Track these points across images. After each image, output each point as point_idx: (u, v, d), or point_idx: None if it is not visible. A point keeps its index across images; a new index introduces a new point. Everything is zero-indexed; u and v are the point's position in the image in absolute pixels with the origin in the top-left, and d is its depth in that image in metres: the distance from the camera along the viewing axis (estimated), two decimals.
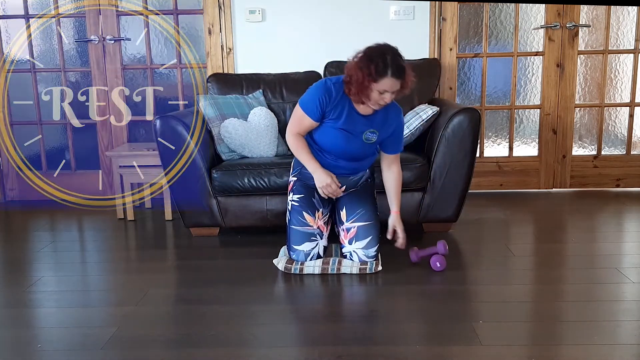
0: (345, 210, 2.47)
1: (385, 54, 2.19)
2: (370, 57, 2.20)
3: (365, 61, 2.20)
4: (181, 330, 1.98)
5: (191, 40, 3.78)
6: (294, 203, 2.47)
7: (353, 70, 2.24)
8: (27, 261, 2.76)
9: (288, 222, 2.49)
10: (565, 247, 2.75)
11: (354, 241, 2.43)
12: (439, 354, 1.77)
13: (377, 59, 2.18)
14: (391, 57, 2.19)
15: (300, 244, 2.44)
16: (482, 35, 3.69)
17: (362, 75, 2.19)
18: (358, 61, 2.22)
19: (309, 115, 2.34)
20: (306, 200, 2.46)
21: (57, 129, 3.93)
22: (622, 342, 1.82)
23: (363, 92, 2.23)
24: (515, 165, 3.81)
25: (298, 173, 2.53)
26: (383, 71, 2.17)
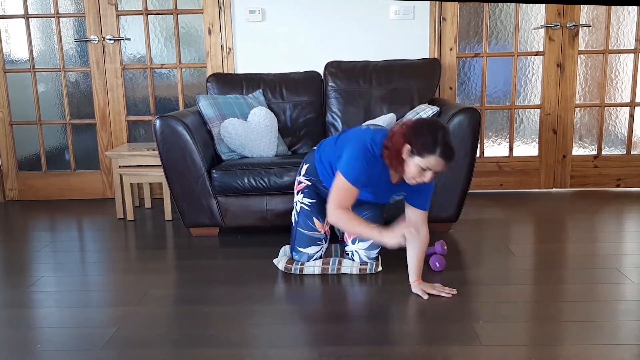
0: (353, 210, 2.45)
1: (437, 130, 1.97)
2: (420, 129, 1.98)
3: (413, 132, 1.98)
4: (181, 330, 1.98)
5: (191, 40, 3.78)
6: (305, 207, 2.43)
7: (397, 137, 2.02)
8: (27, 261, 2.76)
9: (295, 223, 2.46)
10: (565, 247, 2.74)
11: (357, 241, 2.42)
12: (439, 354, 1.77)
13: (427, 133, 1.96)
14: (442, 134, 1.96)
15: (305, 247, 2.44)
16: (482, 35, 3.69)
17: (406, 146, 1.99)
18: (405, 130, 2.00)
19: (357, 186, 2.10)
20: (317, 207, 2.42)
21: (57, 129, 3.93)
22: (622, 342, 1.82)
23: (401, 164, 2.02)
24: (516, 165, 3.81)
25: (312, 179, 2.43)
26: (432, 148, 1.95)
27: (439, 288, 2.21)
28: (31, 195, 3.95)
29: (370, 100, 3.37)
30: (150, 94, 3.82)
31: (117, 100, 3.81)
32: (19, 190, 3.95)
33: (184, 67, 3.79)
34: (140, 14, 3.71)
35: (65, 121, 3.88)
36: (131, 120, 3.85)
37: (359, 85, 3.40)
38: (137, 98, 3.86)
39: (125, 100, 3.82)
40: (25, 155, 3.97)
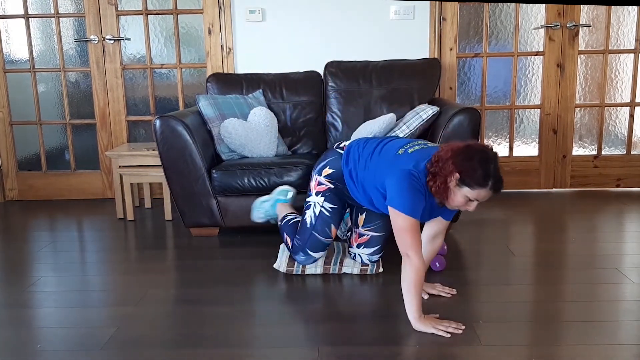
0: (365, 217, 2.41)
1: (488, 161, 1.84)
2: (470, 158, 1.84)
3: (463, 161, 1.84)
4: (181, 330, 1.98)
5: (191, 40, 3.78)
6: (325, 212, 2.32)
7: (444, 164, 1.87)
8: (27, 261, 2.76)
9: (310, 226, 2.35)
10: (565, 247, 2.74)
11: (362, 247, 2.43)
12: (439, 354, 1.77)
13: (478, 164, 1.83)
14: (494, 166, 1.84)
15: (317, 251, 2.38)
16: (482, 35, 3.69)
17: (454, 175, 1.86)
18: (453, 157, 1.86)
19: (418, 217, 1.95)
20: (338, 213, 2.34)
21: (57, 129, 3.93)
22: (622, 342, 1.82)
23: (447, 192, 1.90)
24: (516, 165, 3.81)
25: (337, 185, 2.29)
26: (483, 181, 1.84)
27: (438, 288, 2.21)
28: (31, 195, 3.95)
29: (370, 100, 3.37)
30: (150, 94, 3.82)
31: (117, 100, 3.80)
32: (19, 190, 3.95)
33: (184, 67, 3.79)
34: (140, 14, 3.71)
35: (65, 121, 3.88)
36: (131, 120, 3.85)
37: (359, 85, 3.40)
38: (137, 98, 3.86)
39: (125, 100, 3.82)
40: (25, 155, 3.96)
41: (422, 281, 1.94)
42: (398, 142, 2.15)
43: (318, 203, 2.33)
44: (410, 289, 1.92)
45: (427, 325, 1.90)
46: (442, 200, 1.96)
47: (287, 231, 2.46)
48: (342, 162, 2.26)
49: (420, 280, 1.92)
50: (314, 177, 2.36)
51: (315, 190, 2.34)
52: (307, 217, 2.36)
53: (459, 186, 1.87)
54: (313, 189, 2.36)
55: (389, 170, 2.02)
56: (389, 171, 2.01)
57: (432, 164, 1.92)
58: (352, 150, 2.26)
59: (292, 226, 2.46)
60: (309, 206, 2.36)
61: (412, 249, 1.91)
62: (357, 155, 2.22)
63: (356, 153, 2.23)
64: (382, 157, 2.11)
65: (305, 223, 2.36)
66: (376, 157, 2.14)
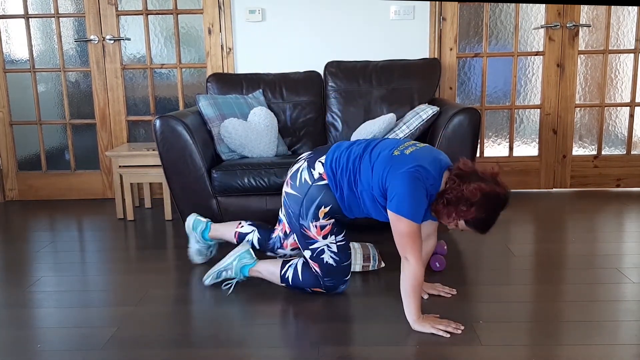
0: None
1: (499, 212, 1.88)
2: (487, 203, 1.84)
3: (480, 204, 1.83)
4: (181, 330, 1.98)
5: (191, 40, 3.78)
6: (341, 243, 2.14)
7: (460, 194, 1.84)
8: (27, 261, 2.76)
9: (335, 264, 2.14)
10: (565, 247, 2.74)
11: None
12: (439, 354, 1.77)
13: (492, 215, 1.86)
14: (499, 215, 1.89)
15: (349, 274, 2.22)
16: (482, 35, 3.69)
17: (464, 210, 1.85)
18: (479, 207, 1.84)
19: (419, 222, 1.90)
20: (347, 235, 2.18)
21: (57, 129, 3.93)
22: (622, 342, 1.82)
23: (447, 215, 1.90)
24: (516, 165, 3.81)
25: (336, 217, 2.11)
26: (485, 227, 1.90)
27: (438, 288, 2.21)
28: (31, 195, 3.95)
29: (370, 100, 3.37)
30: (150, 94, 3.82)
31: (117, 100, 3.80)
32: (19, 190, 3.95)
33: (184, 67, 3.79)
34: (140, 14, 3.71)
35: (65, 121, 3.88)
36: (131, 120, 3.85)
37: (359, 85, 3.40)
38: (137, 98, 3.86)
39: (125, 100, 3.82)
40: (25, 155, 3.96)
41: (421, 284, 1.94)
42: (387, 143, 2.04)
43: (331, 243, 2.12)
44: (409, 293, 1.92)
45: (426, 325, 1.90)
46: (434, 215, 1.94)
47: (305, 285, 2.20)
48: (333, 189, 2.05)
49: (419, 284, 1.92)
50: (311, 225, 2.09)
51: (322, 235, 2.11)
52: (327, 259, 2.13)
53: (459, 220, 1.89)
54: (317, 235, 2.10)
55: (389, 172, 1.91)
56: (389, 173, 1.91)
57: (449, 188, 1.86)
58: (337, 172, 2.04)
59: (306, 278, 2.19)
60: (322, 251, 2.12)
61: (412, 254, 1.89)
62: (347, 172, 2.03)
63: (345, 170, 2.03)
64: (379, 161, 1.97)
65: (329, 266, 2.14)
66: (367, 164, 1.99)
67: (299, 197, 2.09)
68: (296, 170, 2.13)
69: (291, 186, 2.12)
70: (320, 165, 2.08)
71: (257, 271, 2.28)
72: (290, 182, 2.13)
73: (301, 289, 2.22)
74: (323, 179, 2.05)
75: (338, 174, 2.03)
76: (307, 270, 2.18)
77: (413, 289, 1.91)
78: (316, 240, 2.11)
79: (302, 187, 2.08)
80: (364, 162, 2.00)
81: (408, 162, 1.90)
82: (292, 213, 2.13)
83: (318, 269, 2.16)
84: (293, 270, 2.21)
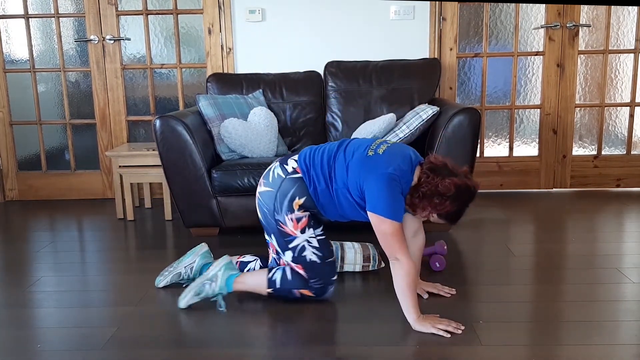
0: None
1: (469, 203, 1.94)
2: (460, 197, 1.89)
3: (454, 197, 1.88)
4: (181, 330, 1.98)
5: (191, 40, 3.78)
6: (320, 236, 2.09)
7: (435, 188, 1.88)
8: (27, 261, 2.76)
9: (319, 260, 2.09)
10: (565, 247, 2.74)
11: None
12: (439, 354, 1.77)
13: (462, 206, 1.92)
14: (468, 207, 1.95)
15: (336, 273, 2.15)
16: (482, 35, 3.69)
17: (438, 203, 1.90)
18: (447, 190, 1.87)
19: (401, 220, 1.92)
20: (325, 229, 2.14)
21: (57, 129, 3.93)
22: (622, 342, 1.82)
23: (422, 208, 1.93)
24: (516, 165, 3.81)
25: (312, 210, 2.08)
26: (456, 218, 1.95)
27: (438, 287, 2.21)
28: (31, 195, 3.95)
29: (370, 100, 3.37)
30: (150, 94, 3.82)
31: (117, 100, 3.80)
32: (19, 190, 3.95)
33: (184, 67, 3.79)
34: (140, 14, 3.71)
35: (65, 121, 3.88)
36: (131, 120, 3.85)
37: (359, 85, 3.40)
38: (137, 98, 3.86)
39: (125, 100, 3.82)
40: (25, 155, 3.97)
41: (415, 281, 1.94)
42: (359, 142, 2.06)
43: (310, 237, 2.07)
44: (405, 292, 1.92)
45: (427, 325, 1.90)
46: (409, 209, 1.97)
47: (293, 287, 2.12)
48: (307, 183, 2.04)
49: (413, 281, 1.92)
50: (287, 218, 2.05)
51: (299, 229, 2.06)
52: (311, 257, 2.08)
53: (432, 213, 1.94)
54: (295, 230, 2.06)
55: (366, 174, 1.92)
56: (366, 175, 1.92)
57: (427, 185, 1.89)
58: (312, 168, 2.04)
59: (295, 278, 2.12)
60: (303, 248, 2.07)
61: (400, 252, 1.90)
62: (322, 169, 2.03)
63: (319, 167, 2.03)
64: (354, 161, 1.97)
65: (313, 263, 2.09)
66: (342, 163, 2.00)
67: (272, 191, 2.06)
68: (268, 170, 2.14)
69: (264, 184, 2.11)
70: (293, 162, 2.09)
71: (241, 282, 2.16)
72: (263, 181, 2.12)
73: (289, 294, 2.12)
74: (297, 172, 2.05)
75: (312, 170, 2.03)
76: (296, 272, 2.12)
77: (408, 287, 1.91)
78: (295, 237, 2.06)
79: (275, 181, 2.07)
80: (339, 160, 2.01)
81: (383, 163, 1.93)
82: (267, 211, 2.09)
83: (303, 270, 2.09)
84: (281, 272, 2.13)
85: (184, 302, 2.13)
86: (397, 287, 1.93)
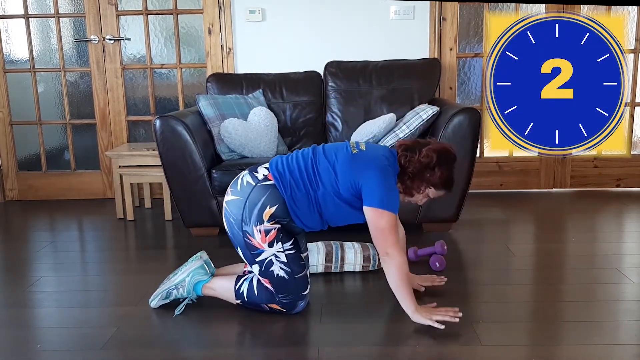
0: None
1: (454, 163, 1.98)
2: (443, 159, 1.94)
3: (439, 163, 1.92)
4: (181, 330, 1.98)
5: (191, 40, 3.78)
6: (290, 251, 1.97)
7: (418, 163, 1.92)
8: (27, 261, 2.76)
9: (288, 276, 1.98)
10: (565, 247, 2.74)
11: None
12: (439, 354, 1.77)
13: (450, 167, 1.96)
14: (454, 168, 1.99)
15: (307, 287, 2.06)
16: (482, 35, 3.69)
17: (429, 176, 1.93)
18: (429, 159, 1.91)
19: (397, 212, 1.91)
20: (297, 243, 2.02)
21: (57, 129, 3.93)
22: (622, 342, 1.82)
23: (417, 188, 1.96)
24: (516, 165, 3.81)
25: (282, 220, 1.96)
26: (451, 183, 1.98)
27: (429, 279, 2.22)
28: (31, 195, 3.95)
29: (370, 100, 3.37)
30: (150, 94, 3.82)
31: (117, 100, 3.80)
32: (19, 190, 3.95)
33: (184, 67, 3.79)
34: (140, 14, 3.71)
35: (65, 121, 3.88)
36: (131, 120, 3.85)
37: (359, 85, 3.40)
38: (137, 98, 3.86)
39: (125, 100, 3.82)
40: (25, 155, 3.96)
41: (408, 274, 1.96)
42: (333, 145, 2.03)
43: (278, 251, 1.95)
44: (400, 285, 1.92)
45: (425, 316, 1.90)
46: (405, 195, 2.00)
47: (261, 300, 2.03)
48: (281, 189, 1.94)
49: (406, 275, 1.93)
50: (255, 230, 1.93)
51: (266, 242, 1.94)
52: (277, 272, 1.97)
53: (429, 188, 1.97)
54: (262, 243, 1.94)
55: (360, 170, 1.90)
56: (360, 170, 1.90)
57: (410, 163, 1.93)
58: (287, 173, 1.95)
59: (261, 293, 2.02)
60: (270, 263, 1.96)
61: (393, 246, 1.89)
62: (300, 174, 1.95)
63: (297, 172, 1.95)
64: (340, 162, 1.93)
65: (281, 279, 1.98)
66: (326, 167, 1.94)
67: (241, 199, 1.95)
68: (236, 179, 2.03)
69: (231, 193, 2.00)
70: (264, 169, 1.99)
71: (210, 288, 2.09)
72: (231, 190, 2.01)
73: (257, 307, 2.04)
74: (268, 179, 1.95)
75: (287, 175, 1.94)
76: (263, 285, 2.03)
77: (402, 281, 1.92)
78: (262, 250, 1.94)
79: (244, 190, 1.96)
80: (321, 164, 1.95)
81: (372, 157, 1.95)
82: (233, 221, 1.96)
83: (270, 285, 2.00)
84: (248, 284, 2.04)
85: (153, 303, 2.12)
86: (391, 282, 1.94)
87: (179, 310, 2.06)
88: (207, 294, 2.10)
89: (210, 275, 2.13)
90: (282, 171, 1.96)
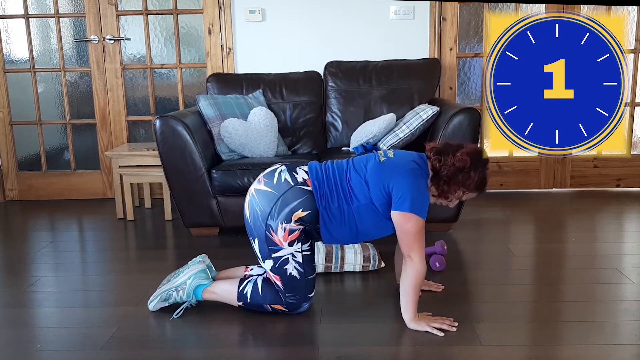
0: None
1: (487, 164, 1.98)
2: (477, 162, 1.93)
3: (473, 166, 1.92)
4: (181, 330, 1.97)
5: (191, 40, 3.78)
6: (306, 252, 2.00)
7: (452, 166, 1.91)
8: (27, 261, 2.76)
9: (300, 276, 1.98)
10: (565, 247, 2.74)
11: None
12: (439, 354, 1.77)
13: (483, 169, 1.95)
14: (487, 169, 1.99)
15: (313, 291, 2.07)
16: (482, 35, 3.69)
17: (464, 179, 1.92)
18: (464, 162, 1.90)
19: (425, 217, 1.91)
20: (312, 245, 2.07)
21: (57, 129, 3.93)
22: (622, 342, 1.82)
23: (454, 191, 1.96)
24: (516, 165, 3.81)
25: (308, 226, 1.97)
26: (484, 185, 1.97)
27: (426, 284, 2.21)
28: (31, 195, 3.95)
29: (370, 100, 3.37)
30: (150, 94, 3.81)
31: (117, 100, 3.80)
32: (19, 190, 3.95)
33: (184, 67, 3.79)
34: (140, 14, 3.71)
35: (65, 121, 3.88)
36: (131, 120, 3.85)
37: (359, 85, 3.40)
38: (137, 98, 3.86)
39: (125, 100, 3.81)
40: (25, 155, 3.96)
41: (421, 284, 1.95)
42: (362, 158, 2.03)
43: (296, 251, 1.97)
44: (410, 291, 1.92)
45: (422, 323, 1.90)
46: (441, 199, 1.99)
47: (264, 302, 2.03)
48: (317, 200, 1.93)
49: (420, 283, 1.93)
50: (280, 227, 1.93)
51: (288, 241, 1.95)
52: (291, 271, 1.98)
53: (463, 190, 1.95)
54: (283, 241, 1.94)
55: (390, 176, 1.90)
56: (391, 176, 1.90)
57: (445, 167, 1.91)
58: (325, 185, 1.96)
59: (266, 293, 2.03)
60: (286, 261, 1.96)
61: (418, 252, 1.89)
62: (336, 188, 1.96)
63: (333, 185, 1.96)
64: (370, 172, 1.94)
65: (292, 278, 1.98)
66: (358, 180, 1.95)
67: (274, 194, 1.94)
68: (273, 170, 2.02)
69: (265, 183, 1.98)
70: (303, 172, 1.99)
71: (212, 292, 2.08)
72: (265, 180, 1.99)
73: (260, 308, 2.03)
74: (307, 185, 1.95)
75: (325, 187, 1.95)
76: (268, 285, 2.03)
77: (414, 288, 1.92)
78: (281, 247, 1.95)
79: (281, 186, 1.95)
80: (353, 179, 1.96)
81: (401, 162, 1.96)
82: (259, 212, 1.96)
83: (280, 282, 1.99)
84: (252, 285, 2.04)
85: (152, 305, 2.09)
86: (403, 285, 1.93)
87: (177, 314, 2.05)
88: (208, 298, 2.09)
89: (211, 280, 2.12)
90: (321, 180, 1.96)
